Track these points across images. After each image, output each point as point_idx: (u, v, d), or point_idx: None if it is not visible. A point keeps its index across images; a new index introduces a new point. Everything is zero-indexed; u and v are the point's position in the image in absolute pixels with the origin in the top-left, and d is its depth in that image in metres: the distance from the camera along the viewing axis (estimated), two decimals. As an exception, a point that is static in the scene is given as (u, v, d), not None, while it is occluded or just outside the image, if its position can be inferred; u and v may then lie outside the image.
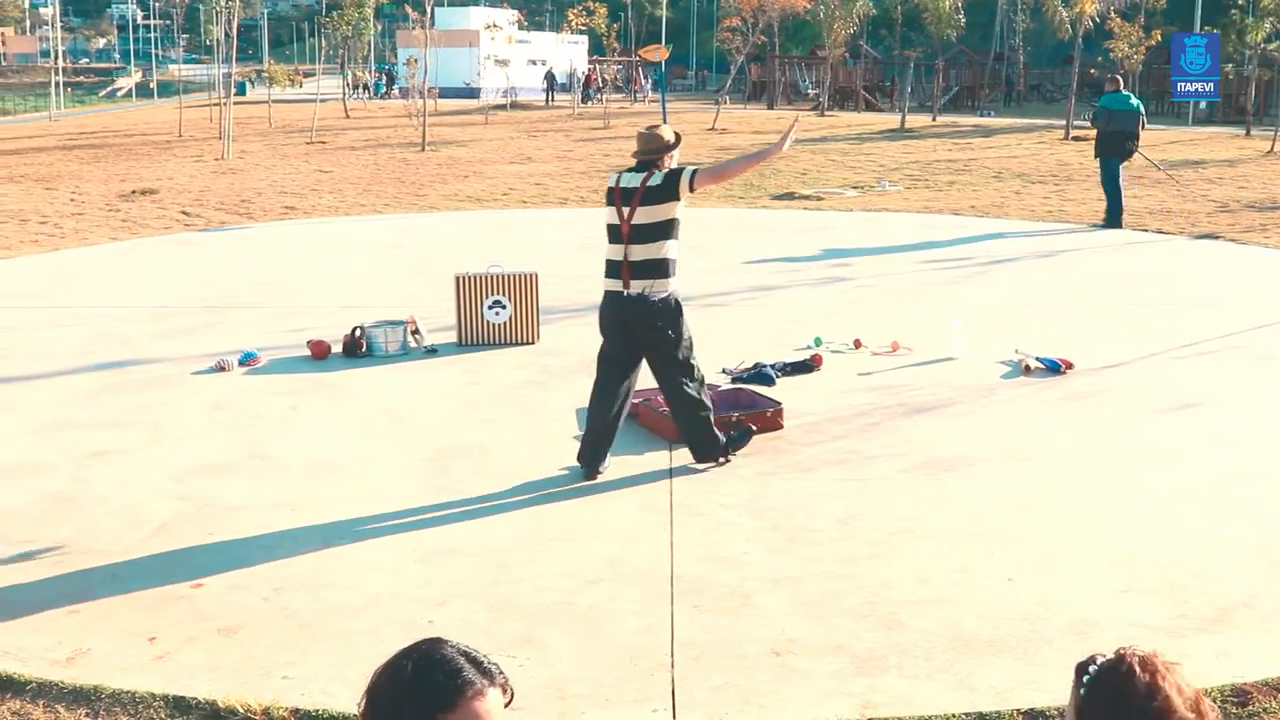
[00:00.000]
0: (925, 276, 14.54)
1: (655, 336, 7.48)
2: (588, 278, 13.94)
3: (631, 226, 7.42)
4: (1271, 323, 11.92)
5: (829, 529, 6.68)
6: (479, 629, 5.42)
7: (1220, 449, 8.14)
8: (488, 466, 7.70)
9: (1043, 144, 34.29)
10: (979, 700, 4.92)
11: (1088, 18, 38.99)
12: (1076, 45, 40.31)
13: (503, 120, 43.44)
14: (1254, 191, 23.42)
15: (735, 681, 5.04)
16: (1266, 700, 4.89)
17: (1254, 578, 6.10)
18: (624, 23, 65.56)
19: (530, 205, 21.20)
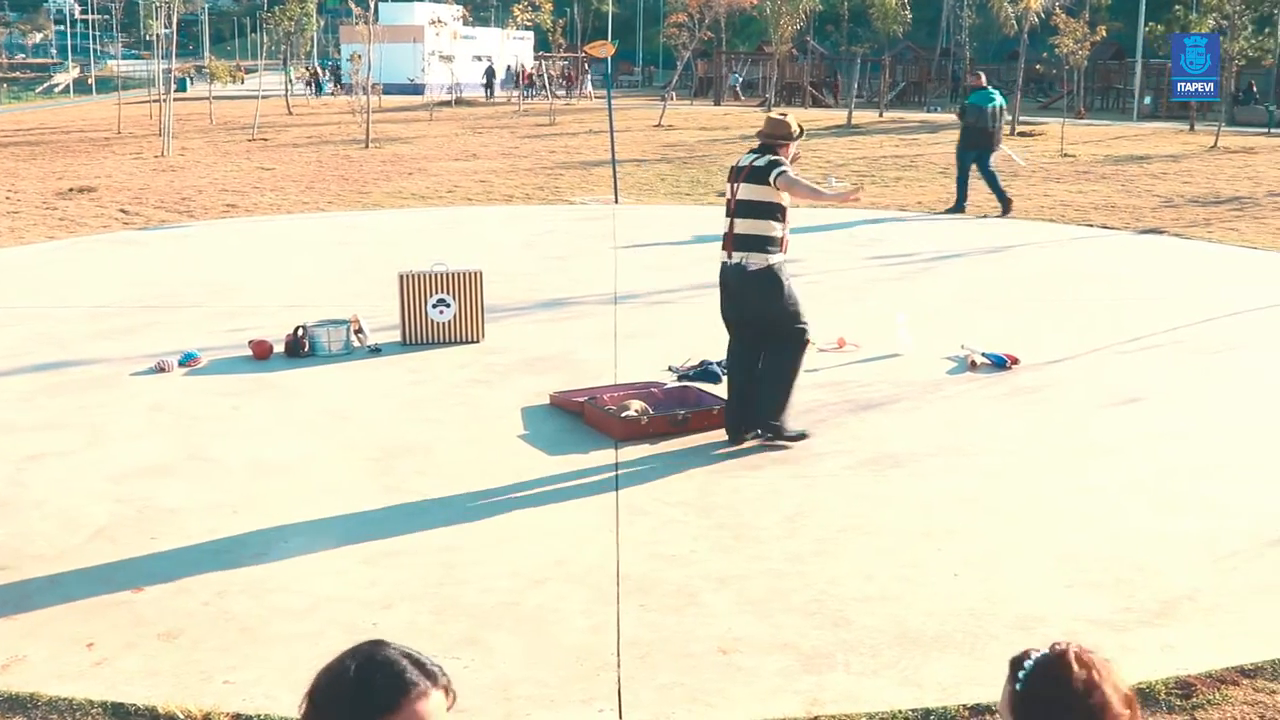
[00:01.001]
0: (871, 273, 14.58)
1: (750, 304, 7.99)
2: (533, 275, 13.93)
3: (736, 201, 7.98)
4: (1215, 317, 12.02)
5: (776, 527, 6.67)
6: (424, 631, 5.37)
7: (1164, 443, 8.19)
8: (432, 466, 7.64)
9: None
10: (925, 696, 4.92)
11: (1033, 14, 39.24)
12: (1022, 41, 40.57)
13: (447, 117, 43.26)
14: (1197, 186, 23.63)
15: (682, 680, 5.02)
16: (1210, 692, 4.92)
17: (1197, 571, 6.14)
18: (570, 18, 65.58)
19: (475, 202, 21.12)
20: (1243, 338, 11.23)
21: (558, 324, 11.57)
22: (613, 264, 14.79)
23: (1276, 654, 5.24)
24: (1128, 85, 55.00)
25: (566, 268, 14.59)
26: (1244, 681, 5.02)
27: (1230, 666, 5.14)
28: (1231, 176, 25.43)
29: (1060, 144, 31.58)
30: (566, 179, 24.61)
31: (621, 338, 11.00)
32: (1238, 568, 6.20)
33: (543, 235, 17.21)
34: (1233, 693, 4.93)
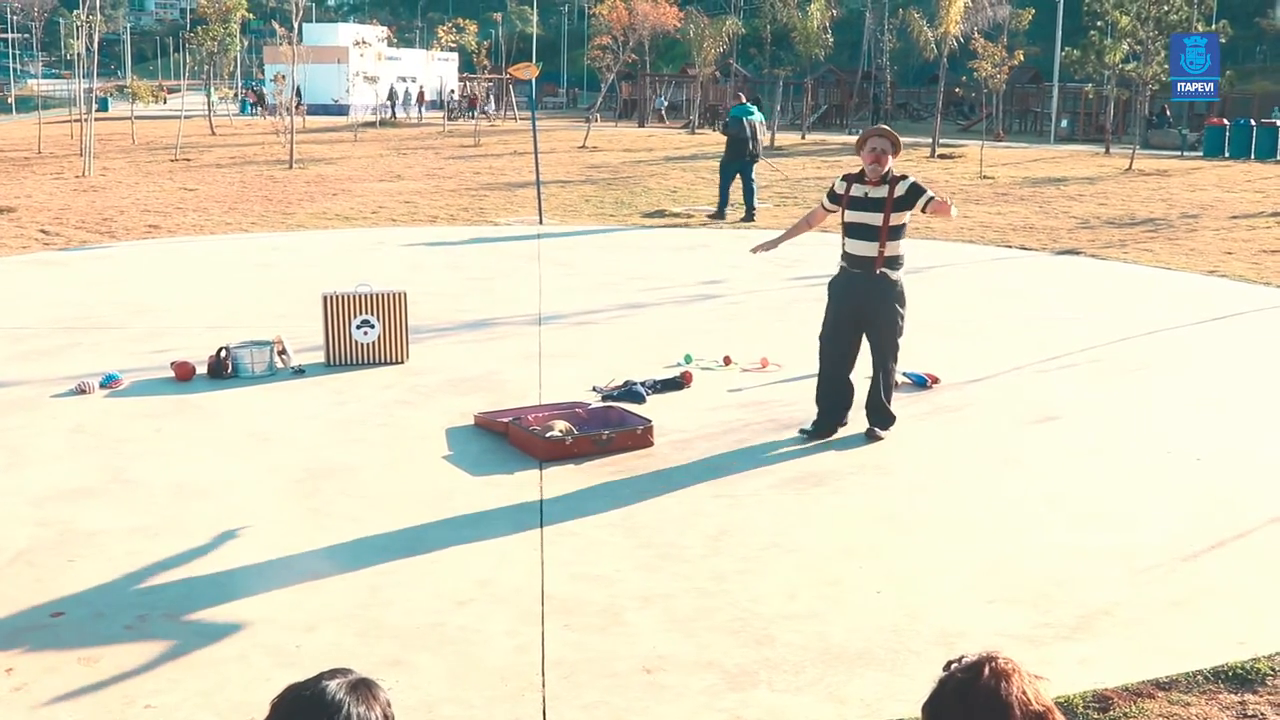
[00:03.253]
0: (794, 293, 14.68)
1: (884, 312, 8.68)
2: (457, 296, 13.92)
3: (889, 227, 8.53)
4: (1130, 336, 12.23)
5: (699, 546, 6.71)
6: (348, 653, 5.35)
7: (1082, 460, 8.32)
8: (356, 488, 7.61)
9: (909, 162, 34.81)
10: (848, 713, 4.97)
11: (952, 38, 39.76)
12: (942, 65, 41.10)
13: (372, 138, 43.11)
14: (1113, 208, 24.02)
15: (606, 700, 5.04)
16: (1126, 705, 5.00)
17: (1115, 585, 6.25)
18: (494, 40, 65.51)
19: (400, 223, 21.06)
20: (1157, 357, 11.44)
21: (482, 345, 11.56)
22: (537, 285, 14.81)
23: (1191, 667, 5.33)
24: (1045, 109, 55.83)
25: (491, 288, 14.58)
26: (1160, 694, 5.12)
27: (1146, 680, 5.23)
28: (1146, 199, 25.87)
29: (979, 166, 31.99)
30: (491, 200, 24.60)
31: (546, 358, 11.01)
32: (1153, 582, 6.31)
33: (467, 256, 17.19)
34: (1149, 706, 5.02)
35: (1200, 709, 5.01)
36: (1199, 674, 5.28)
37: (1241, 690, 5.16)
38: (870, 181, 8.45)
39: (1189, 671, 5.30)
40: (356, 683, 2.39)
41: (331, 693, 2.34)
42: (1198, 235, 20.48)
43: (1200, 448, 8.65)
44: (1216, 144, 39.81)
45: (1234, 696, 5.11)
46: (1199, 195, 26.86)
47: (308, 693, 2.36)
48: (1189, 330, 12.81)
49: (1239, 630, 5.74)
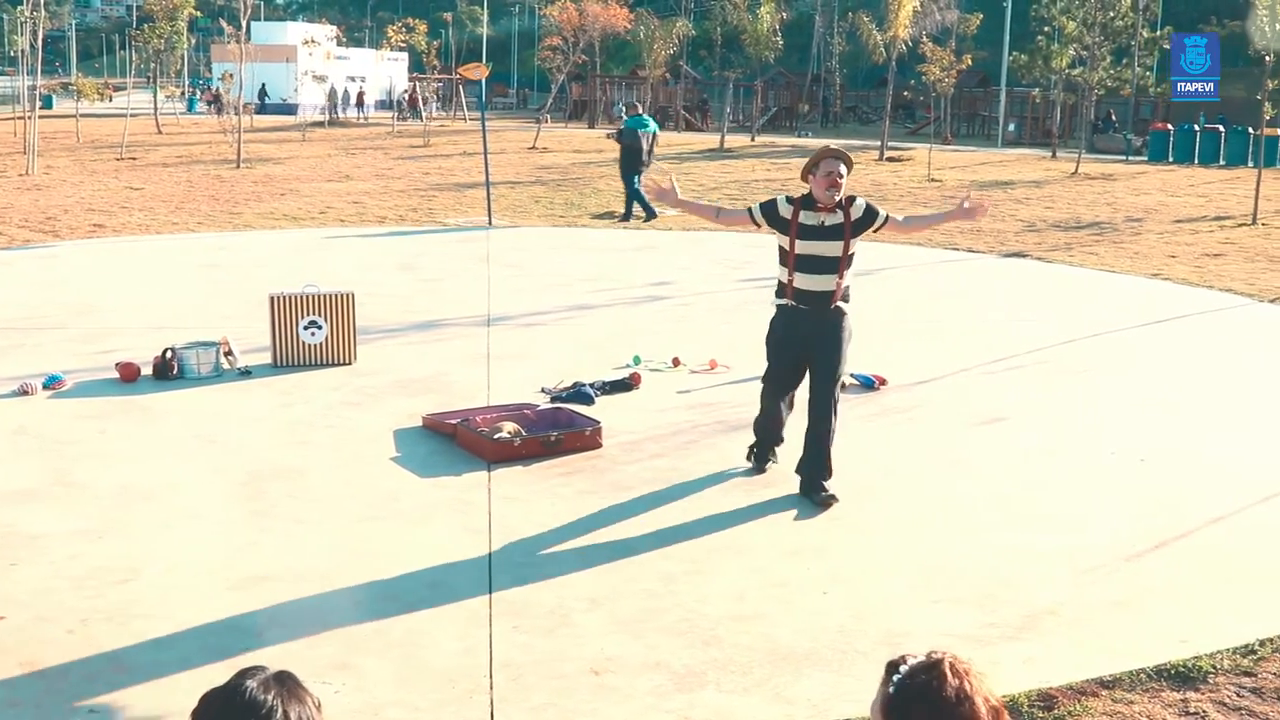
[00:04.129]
0: (743, 295, 14.72)
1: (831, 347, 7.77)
2: (405, 297, 13.87)
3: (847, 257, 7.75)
4: (1076, 339, 12.33)
5: (647, 547, 6.70)
6: (293, 655, 5.32)
7: (1028, 461, 8.38)
8: (303, 490, 7.57)
9: (858, 164, 34.92)
10: (795, 713, 4.99)
11: (901, 42, 39.96)
12: (891, 69, 41.31)
13: (321, 138, 42.89)
14: (1059, 211, 24.22)
15: (555, 701, 5.03)
16: (1071, 704, 5.05)
17: (1059, 585, 6.30)
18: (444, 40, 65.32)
19: (348, 224, 20.96)
20: (1102, 358, 11.54)
21: (430, 346, 11.53)
22: (486, 286, 14.78)
23: (1134, 666, 5.39)
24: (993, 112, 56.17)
25: (439, 289, 14.54)
26: (1103, 693, 5.16)
27: (1090, 678, 5.28)
28: (1091, 202, 26.10)
29: (927, 169, 32.17)
30: (440, 200, 24.52)
31: (494, 359, 10.99)
32: (1097, 582, 6.37)
33: (416, 257, 17.13)
34: (1093, 704, 5.06)
35: (1143, 707, 5.06)
36: (1142, 672, 5.34)
37: (1184, 688, 5.22)
38: (824, 208, 7.49)
39: (1132, 670, 5.35)
40: (279, 676, 2.34)
41: (256, 693, 2.30)
42: (1142, 239, 20.68)
43: (1144, 449, 8.74)
44: (1161, 149, 40.22)
45: (1176, 694, 5.17)
46: (1143, 199, 27.12)
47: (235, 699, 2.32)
48: (1133, 332, 12.93)
49: (1181, 629, 5.80)
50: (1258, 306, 14.73)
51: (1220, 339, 12.91)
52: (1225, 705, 5.08)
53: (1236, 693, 5.19)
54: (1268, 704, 5.10)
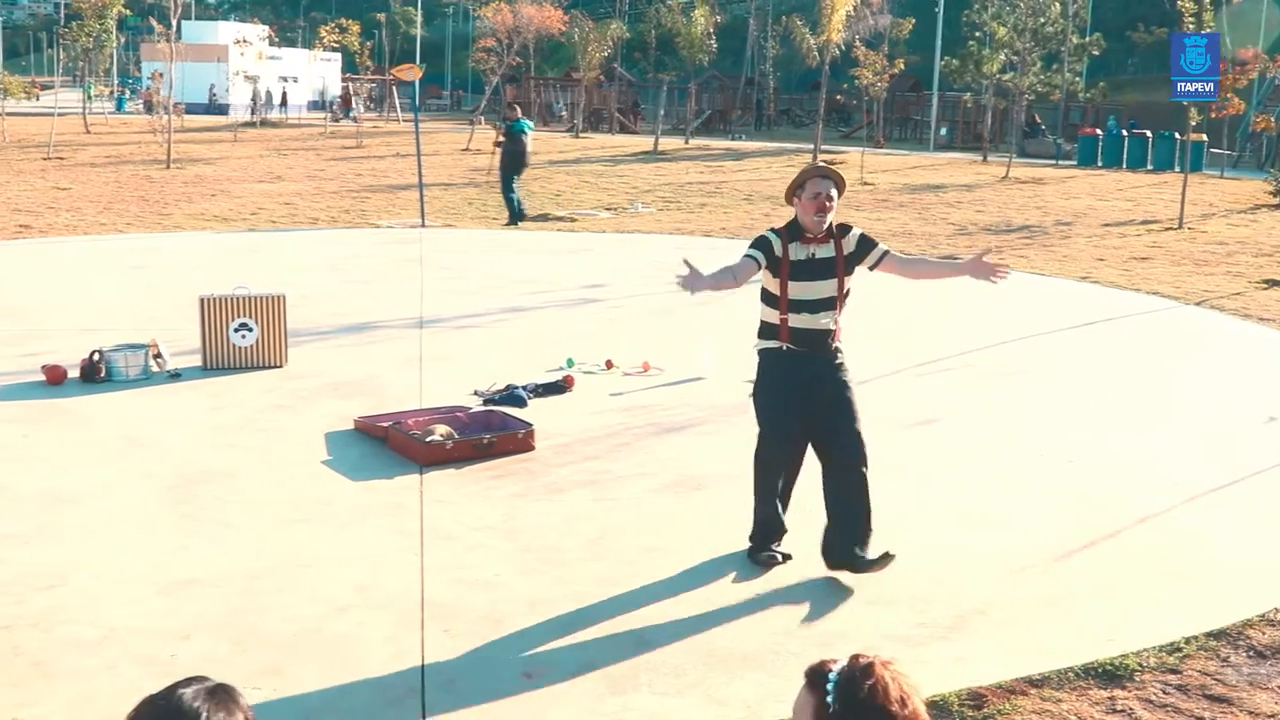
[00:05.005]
0: (676, 298, 14.72)
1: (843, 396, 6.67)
2: (338, 299, 13.78)
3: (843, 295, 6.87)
4: (1005, 341, 12.45)
5: (581, 550, 6.71)
6: (223, 661, 5.28)
7: (959, 462, 8.45)
8: (233, 493, 7.50)
9: (792, 167, 35.14)
10: (729, 715, 5.00)
11: (835, 46, 40.17)
12: (824, 72, 41.48)
13: (252, 138, 42.54)
14: (990, 215, 24.44)
15: (487, 705, 5.02)
16: (1000, 702, 5.09)
17: (990, 585, 6.36)
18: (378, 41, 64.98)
19: (279, 225, 20.80)
20: (1032, 361, 11.66)
21: (362, 348, 11.46)
22: (419, 288, 14.71)
23: (1063, 664, 5.45)
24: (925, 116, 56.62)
25: (372, 291, 14.46)
26: (1032, 691, 5.22)
27: (1019, 677, 5.33)
28: (1022, 206, 26.36)
29: (860, 172, 32.35)
30: (373, 202, 24.40)
31: (427, 362, 10.94)
32: (1026, 582, 6.43)
33: (348, 259, 17.03)
34: (1022, 703, 5.11)
35: (1071, 705, 5.11)
36: (1070, 671, 5.40)
37: (1111, 686, 5.28)
38: (814, 238, 6.50)
39: (1060, 669, 5.41)
40: (214, 689, 2.34)
41: (188, 701, 2.30)
42: (1071, 242, 20.90)
43: (1072, 450, 8.83)
44: (1090, 153, 40.67)
45: (1103, 692, 5.23)
46: (1073, 203, 27.43)
47: (163, 702, 2.31)
48: (1062, 335, 13.07)
49: (1109, 628, 5.87)
50: (1184, 309, 14.93)
51: (1147, 341, 13.07)
52: (1151, 703, 5.14)
53: (1162, 690, 5.25)
54: (1192, 700, 5.17)
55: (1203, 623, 5.93)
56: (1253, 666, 5.52)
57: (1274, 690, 5.29)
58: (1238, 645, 5.72)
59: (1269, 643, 5.75)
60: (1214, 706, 5.13)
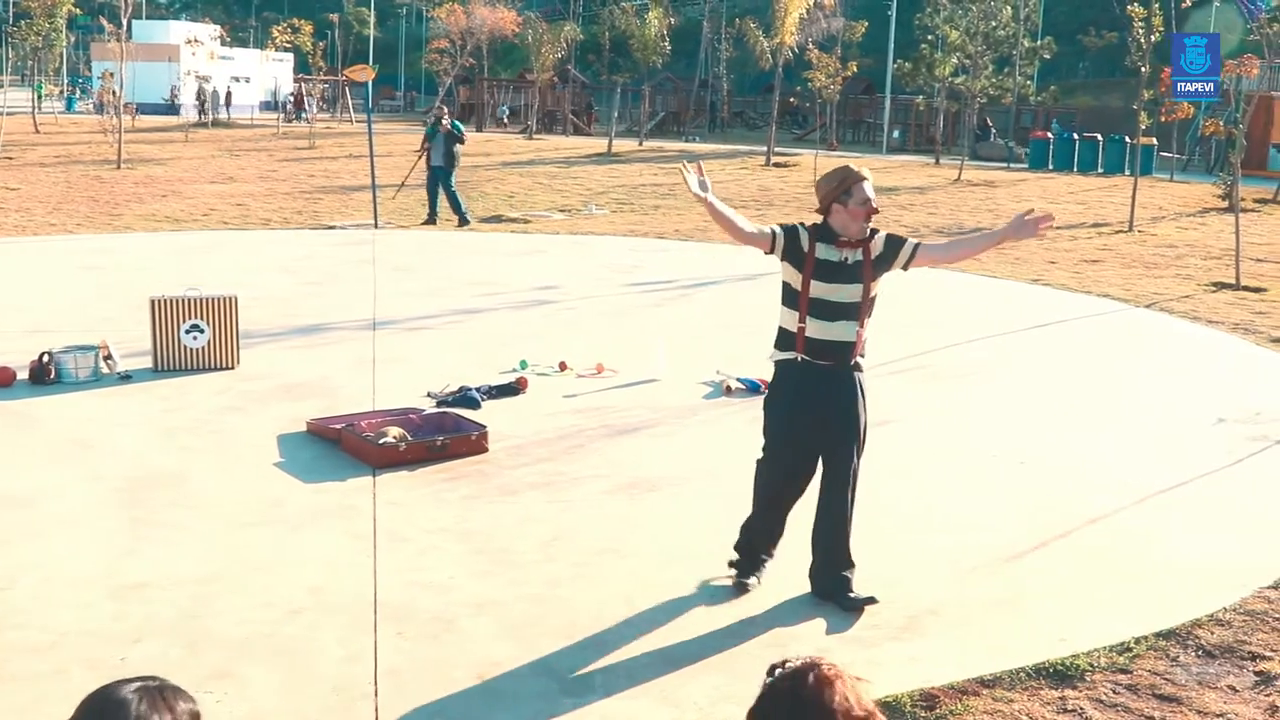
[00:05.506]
0: (630, 299, 14.75)
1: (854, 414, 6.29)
2: (290, 300, 13.71)
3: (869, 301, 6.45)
4: (958, 343, 12.52)
5: (534, 552, 6.70)
6: (174, 664, 5.24)
7: (913, 463, 8.49)
8: (185, 496, 7.45)
9: (745, 169, 35.23)
10: (683, 716, 5.01)
11: (788, 49, 40.31)
12: (777, 75, 41.62)
13: (204, 138, 42.25)
14: (942, 217, 24.57)
15: (440, 708, 5.01)
16: (953, 703, 5.12)
17: (942, 586, 6.40)
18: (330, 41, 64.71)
19: (231, 226, 20.67)
20: (985, 362, 11.73)
21: (315, 350, 11.41)
22: (372, 289, 14.66)
23: (1014, 664, 5.49)
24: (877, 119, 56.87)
25: (324, 293, 14.39)
26: (984, 691, 5.25)
27: (971, 677, 5.37)
28: (974, 209, 26.52)
29: (813, 175, 32.38)
30: (326, 203, 24.29)
31: (380, 363, 10.90)
32: (979, 582, 6.47)
33: (301, 260, 16.94)
34: (974, 703, 5.14)
35: (1023, 705, 5.14)
36: (1022, 671, 5.44)
37: (1062, 686, 5.32)
38: (849, 243, 6.16)
39: (1012, 669, 5.45)
40: (154, 688, 2.32)
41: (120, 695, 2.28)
42: (1023, 245, 21.02)
43: (1024, 451, 8.90)
44: (1041, 157, 40.94)
45: (1054, 692, 5.26)
46: (1024, 206, 27.52)
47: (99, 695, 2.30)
48: (1014, 337, 13.16)
49: (1060, 628, 5.91)
50: (1134, 311, 15.06)
51: (1098, 343, 13.18)
52: (1102, 702, 5.18)
53: (1113, 690, 5.30)
54: (1142, 700, 5.21)
55: (1152, 623, 5.99)
56: (1201, 666, 5.58)
57: (1222, 690, 5.35)
58: (1187, 645, 5.78)
59: (1218, 642, 5.81)
60: (1164, 706, 5.18)
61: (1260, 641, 5.84)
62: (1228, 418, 9.99)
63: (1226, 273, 17.85)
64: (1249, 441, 9.34)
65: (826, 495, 6.21)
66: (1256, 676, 5.49)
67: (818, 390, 6.14)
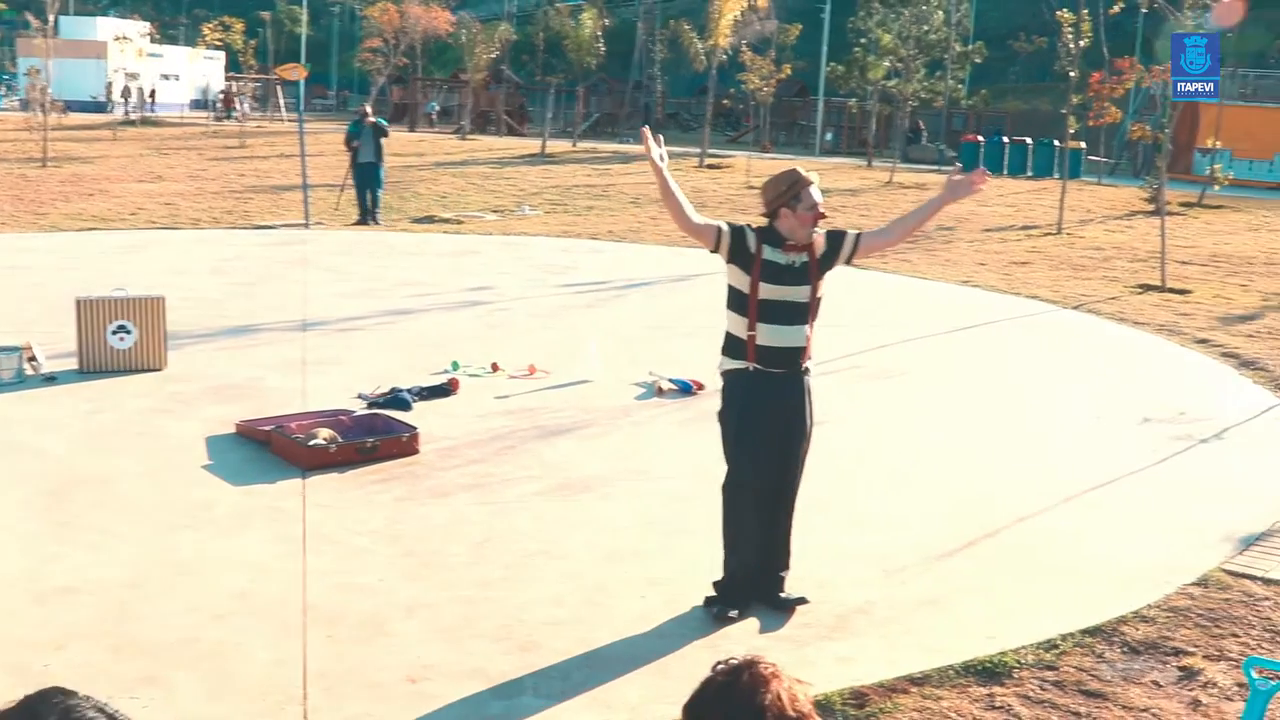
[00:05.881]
0: (562, 300, 14.73)
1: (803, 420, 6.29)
2: (219, 301, 13.58)
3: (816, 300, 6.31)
4: (888, 344, 12.60)
5: (465, 554, 6.68)
6: (99, 671, 5.17)
7: (844, 463, 8.52)
8: (111, 499, 7.36)
9: (679, 171, 35.24)
10: (614, 717, 5.01)
11: (722, 51, 40.41)
12: (711, 77, 41.71)
13: (133, 136, 41.78)
14: (874, 220, 24.68)
15: (369, 711, 4.98)
16: (882, 701, 5.16)
17: (871, 585, 6.43)
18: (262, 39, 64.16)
19: (160, 226, 20.45)
20: (915, 363, 11.81)
21: (244, 351, 11.30)
22: (302, 290, 14.55)
23: (943, 662, 5.53)
24: (811, 122, 57.16)
25: (255, 293, 14.27)
26: (913, 690, 5.29)
27: (901, 676, 5.41)
28: (905, 211, 26.65)
29: (746, 176, 32.56)
30: (257, 203, 24.10)
31: (310, 365, 10.83)
32: (908, 581, 6.52)
33: (231, 260, 16.79)
34: (903, 701, 5.18)
35: (951, 703, 5.18)
36: (950, 668, 5.48)
37: (989, 683, 5.37)
38: (796, 246, 6.04)
39: (941, 666, 5.50)
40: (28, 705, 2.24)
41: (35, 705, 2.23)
42: (953, 247, 21.23)
43: (953, 450, 8.97)
44: (971, 159, 41.28)
45: (983, 689, 5.31)
46: (954, 209, 27.70)
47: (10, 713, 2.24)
48: (944, 338, 13.26)
49: (988, 626, 5.97)
50: (1062, 313, 15.22)
51: (1026, 344, 13.31)
52: (1029, 699, 5.23)
53: (1040, 686, 5.35)
54: (1069, 696, 5.27)
55: (1079, 620, 6.05)
56: (1126, 662, 5.64)
57: (1147, 685, 5.41)
58: (1112, 641, 5.84)
59: (1142, 639, 5.88)
60: (1089, 701, 5.24)
61: (1184, 637, 5.92)
62: (1153, 417, 10.11)
63: (1152, 275, 18.07)
64: (1173, 441, 9.46)
65: (775, 500, 6.15)
66: (1180, 672, 5.56)
67: (772, 399, 6.04)
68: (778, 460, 6.10)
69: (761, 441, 6.03)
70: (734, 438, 6.08)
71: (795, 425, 6.11)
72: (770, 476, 6.11)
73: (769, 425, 6.03)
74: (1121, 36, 44.02)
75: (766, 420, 6.02)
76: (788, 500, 6.19)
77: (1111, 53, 27.97)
